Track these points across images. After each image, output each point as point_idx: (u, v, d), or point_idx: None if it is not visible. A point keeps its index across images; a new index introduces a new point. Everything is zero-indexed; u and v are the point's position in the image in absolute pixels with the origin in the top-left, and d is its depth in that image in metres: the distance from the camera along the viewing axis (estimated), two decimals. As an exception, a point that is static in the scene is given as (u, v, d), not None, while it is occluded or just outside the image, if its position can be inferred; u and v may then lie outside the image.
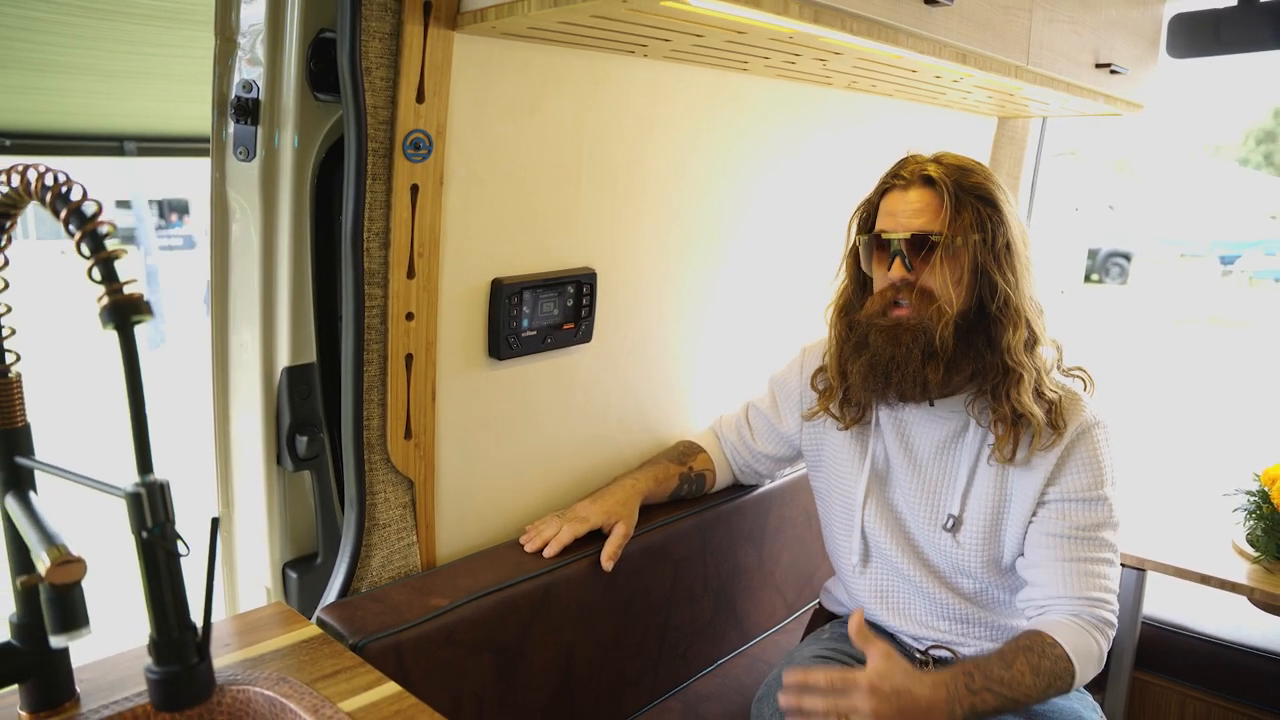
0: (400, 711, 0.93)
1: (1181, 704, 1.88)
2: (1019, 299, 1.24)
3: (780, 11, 0.98)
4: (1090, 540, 1.24)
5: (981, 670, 1.11)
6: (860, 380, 1.27)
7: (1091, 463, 1.26)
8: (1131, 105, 1.95)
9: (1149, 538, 1.77)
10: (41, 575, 0.70)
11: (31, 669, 0.87)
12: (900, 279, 1.23)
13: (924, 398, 1.26)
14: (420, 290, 1.20)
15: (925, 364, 1.21)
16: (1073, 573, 1.22)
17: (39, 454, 0.87)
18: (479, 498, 1.39)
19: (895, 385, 1.23)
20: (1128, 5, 1.82)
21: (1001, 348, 1.23)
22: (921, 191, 1.25)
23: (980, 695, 1.09)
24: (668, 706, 1.57)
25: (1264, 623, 1.85)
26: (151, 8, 1.92)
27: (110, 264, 0.68)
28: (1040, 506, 1.27)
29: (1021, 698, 1.11)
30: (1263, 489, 1.69)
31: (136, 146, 2.52)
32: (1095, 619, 1.20)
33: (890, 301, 1.26)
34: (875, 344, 1.24)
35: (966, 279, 1.23)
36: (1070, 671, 1.14)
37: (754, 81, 1.59)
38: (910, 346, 1.21)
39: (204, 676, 0.74)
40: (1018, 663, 1.13)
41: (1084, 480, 1.25)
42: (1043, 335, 1.28)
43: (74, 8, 1.83)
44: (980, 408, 1.28)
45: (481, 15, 1.07)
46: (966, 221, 1.21)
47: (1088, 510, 1.25)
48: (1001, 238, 1.23)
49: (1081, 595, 1.20)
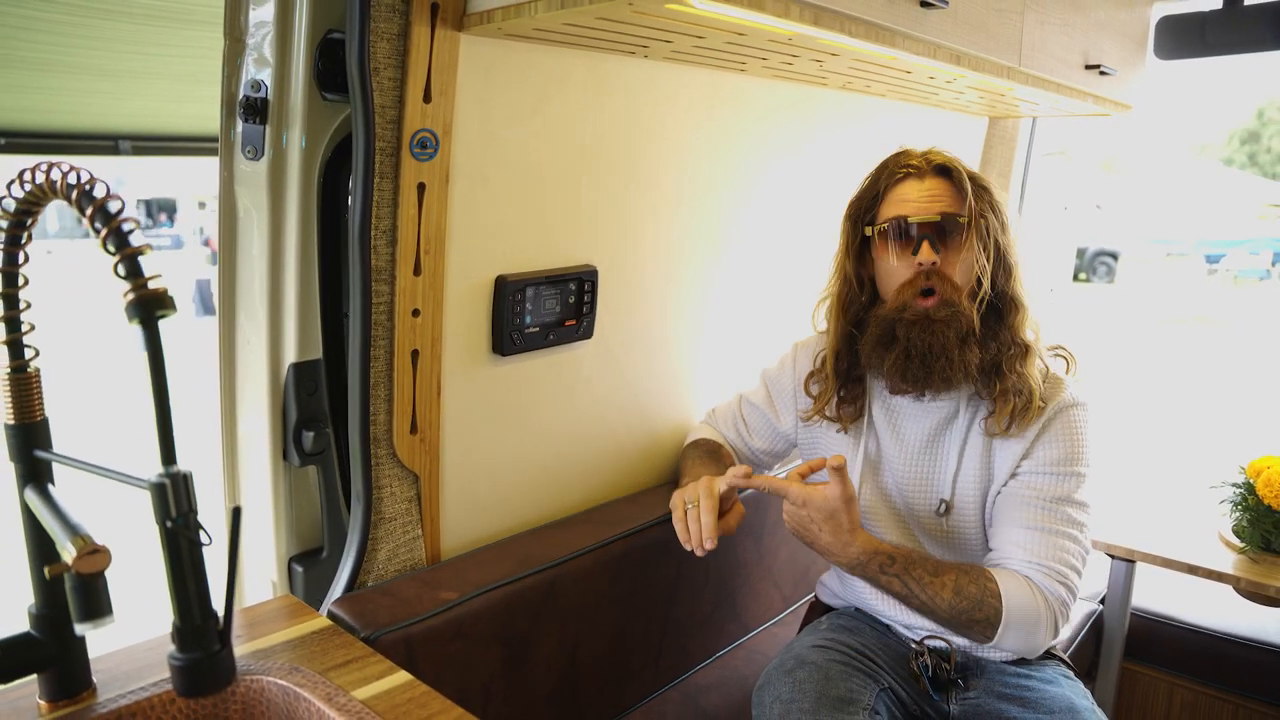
0: (413, 699, 0.95)
1: (1170, 692, 1.92)
2: (1022, 279, 1.29)
3: (781, 14, 1.00)
4: (1056, 513, 1.26)
5: (907, 561, 1.23)
6: (897, 372, 1.29)
7: (1067, 439, 1.29)
8: (1120, 106, 1.99)
9: (1138, 530, 1.80)
10: (68, 564, 0.72)
11: (51, 659, 0.89)
12: (930, 262, 1.26)
13: (964, 381, 1.29)
14: (426, 287, 1.22)
15: (963, 349, 1.25)
16: (1034, 540, 1.24)
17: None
18: (482, 492, 1.41)
19: (940, 372, 1.25)
20: (1116, 7, 1.85)
21: (1013, 325, 1.28)
22: (938, 179, 1.29)
23: (887, 576, 1.24)
24: (668, 698, 1.60)
25: (1249, 612, 1.88)
26: (151, 7, 1.93)
27: (135, 260, 0.69)
28: (1013, 477, 1.31)
29: (930, 605, 1.21)
30: (1248, 481, 1.73)
31: (132, 146, 2.52)
32: (1048, 589, 1.22)
33: (918, 291, 1.28)
34: (909, 336, 1.27)
35: (989, 260, 1.26)
36: (997, 612, 1.19)
37: (751, 82, 1.62)
38: (946, 333, 1.24)
39: (226, 663, 0.76)
40: (946, 575, 1.21)
41: (1057, 454, 1.28)
42: (1032, 313, 1.33)
43: (73, 7, 1.84)
44: (983, 385, 1.31)
45: (488, 17, 1.09)
46: (983, 205, 1.25)
47: (1057, 483, 1.27)
48: (1006, 223, 1.28)
49: (1039, 562, 1.23)
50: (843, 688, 1.23)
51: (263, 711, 0.97)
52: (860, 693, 1.24)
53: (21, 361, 0.86)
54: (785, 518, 1.28)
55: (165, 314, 0.69)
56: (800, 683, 1.22)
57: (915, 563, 1.25)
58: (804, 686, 1.22)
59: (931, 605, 1.23)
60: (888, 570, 1.24)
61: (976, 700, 1.35)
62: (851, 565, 1.25)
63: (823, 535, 1.24)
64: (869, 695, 1.24)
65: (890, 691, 1.32)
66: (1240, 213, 15.37)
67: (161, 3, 1.90)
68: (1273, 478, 1.67)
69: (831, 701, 1.20)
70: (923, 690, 1.36)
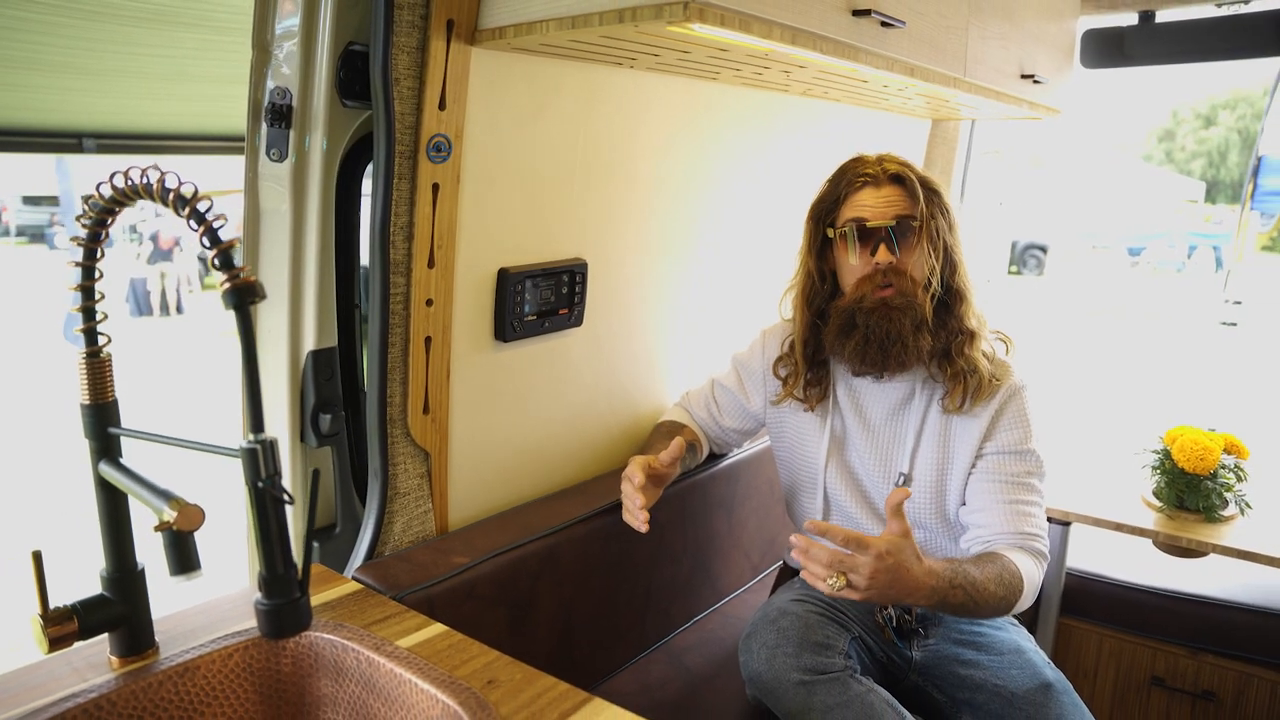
0: (452, 645, 1.06)
1: (1099, 642, 2.12)
2: (966, 273, 1.45)
3: (765, 35, 1.14)
4: (1023, 485, 1.44)
5: (962, 570, 1.26)
6: (857, 356, 1.44)
7: (1020, 421, 1.46)
8: (1051, 110, 2.18)
9: (1072, 494, 2.00)
10: (169, 522, 0.81)
11: (123, 618, 0.98)
12: (887, 262, 1.41)
13: (916, 363, 1.44)
14: (439, 279, 1.33)
15: (917, 334, 1.40)
16: (1011, 513, 1.41)
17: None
18: (485, 467, 1.52)
19: (895, 356, 1.41)
20: (1046, 20, 2.04)
21: (960, 314, 1.44)
22: (893, 186, 1.44)
23: (955, 590, 1.23)
24: (654, 658, 1.73)
25: (1166, 567, 2.10)
26: (134, 9, 1.97)
27: (228, 254, 0.79)
28: (979, 459, 1.47)
29: (983, 601, 1.26)
30: (1165, 448, 1.93)
31: (96, 144, 2.54)
32: (1034, 550, 1.39)
33: (876, 285, 1.43)
34: (867, 323, 1.42)
35: (939, 257, 1.42)
36: (1019, 589, 1.32)
37: (722, 90, 1.75)
38: (902, 320, 1.40)
39: (305, 608, 0.86)
40: (987, 569, 1.29)
41: (1015, 436, 1.45)
42: (976, 302, 1.49)
43: (55, 7, 1.88)
44: (936, 369, 1.47)
45: (500, 33, 1.20)
46: (933, 208, 1.41)
47: (1019, 461, 1.45)
48: (954, 223, 1.43)
49: (1019, 531, 1.40)
50: (820, 634, 1.38)
51: (311, 664, 1.07)
52: (836, 639, 1.38)
53: (96, 347, 0.95)
54: (867, 580, 1.15)
55: (255, 301, 0.79)
56: (784, 630, 1.37)
57: (961, 564, 1.27)
58: (787, 633, 1.36)
59: (984, 603, 1.27)
60: (955, 584, 1.24)
61: (936, 646, 1.51)
62: (933, 591, 1.21)
63: (915, 570, 1.19)
64: (843, 642, 1.39)
65: (860, 640, 1.48)
66: (1159, 207, 16.15)
67: (144, 5, 1.95)
68: (1185, 444, 1.88)
69: (812, 646, 1.34)
70: (888, 639, 1.52)
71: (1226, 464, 1.89)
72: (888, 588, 1.16)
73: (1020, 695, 1.37)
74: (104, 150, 2.61)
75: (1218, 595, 2.00)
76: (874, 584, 1.15)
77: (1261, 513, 1.90)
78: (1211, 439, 1.89)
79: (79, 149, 2.57)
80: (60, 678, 0.96)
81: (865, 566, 1.14)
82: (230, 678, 1.04)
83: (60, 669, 0.98)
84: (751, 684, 1.39)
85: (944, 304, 1.47)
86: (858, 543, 1.16)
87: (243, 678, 1.04)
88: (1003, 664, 1.43)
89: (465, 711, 0.92)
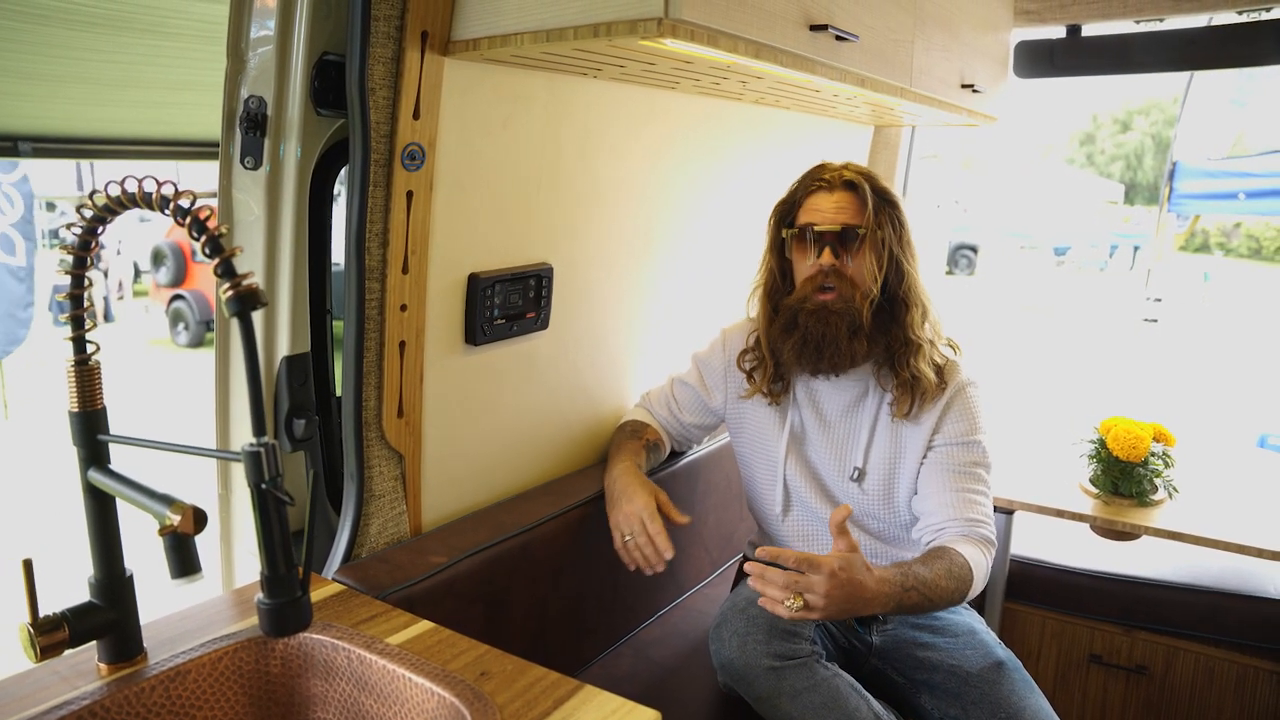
0: (441, 641, 1.09)
1: (1042, 624, 2.24)
2: (917, 283, 1.51)
3: (730, 49, 1.19)
4: (970, 474, 1.52)
5: (912, 572, 1.32)
6: (794, 356, 1.50)
7: (967, 414, 1.54)
8: (987, 118, 2.29)
9: (1015, 484, 2.10)
10: (173, 526, 0.83)
11: (112, 624, 0.98)
12: (830, 265, 1.48)
13: (851, 367, 1.50)
14: (412, 284, 1.35)
15: (852, 339, 1.46)
16: (958, 500, 1.49)
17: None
18: (456, 469, 1.55)
19: (829, 358, 1.47)
20: (983, 32, 2.14)
21: (905, 324, 1.50)
22: (845, 193, 1.50)
23: (909, 593, 1.30)
24: (621, 652, 1.77)
25: (1102, 551, 2.22)
26: (86, 14, 1.94)
27: (230, 262, 0.81)
28: (929, 451, 1.54)
29: (937, 597, 1.33)
30: (1100, 438, 2.05)
31: (32, 148, 2.49)
32: (980, 536, 1.47)
33: (818, 286, 1.50)
34: (806, 324, 1.48)
35: (882, 266, 1.49)
36: (970, 579, 1.39)
37: (680, 98, 1.81)
38: (838, 325, 1.46)
39: (305, 607, 0.89)
40: (936, 566, 1.35)
41: (961, 428, 1.54)
42: (931, 312, 1.56)
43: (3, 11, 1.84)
44: (884, 374, 1.55)
45: (474, 44, 1.23)
46: (883, 218, 1.48)
47: (966, 451, 1.53)
48: (905, 232, 1.50)
49: (967, 517, 1.48)
50: (787, 622, 1.43)
51: (300, 665, 1.09)
52: (803, 626, 1.45)
53: (84, 355, 0.95)
54: (823, 599, 1.19)
55: (257, 307, 0.82)
56: (753, 619, 1.42)
57: (911, 567, 1.33)
58: (757, 621, 1.41)
59: (938, 599, 1.32)
60: (908, 587, 1.29)
61: (894, 631, 1.59)
62: (888, 598, 1.26)
63: (869, 582, 1.23)
64: (809, 628, 1.46)
65: (823, 626, 1.55)
66: (1082, 208, 16.83)
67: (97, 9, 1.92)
68: (1120, 434, 2.00)
69: (780, 633, 1.40)
70: (849, 625, 1.59)
71: (1156, 451, 2.01)
72: (844, 602, 1.20)
73: (974, 674, 1.45)
74: (39, 154, 2.55)
75: (1149, 575, 2.13)
76: (830, 601, 1.19)
77: (1187, 496, 2.04)
78: (1142, 428, 2.02)
79: (15, 153, 2.51)
80: (48, 686, 0.97)
81: (820, 585, 1.19)
82: (220, 681, 1.05)
83: (47, 677, 0.98)
84: (723, 671, 1.44)
85: (887, 312, 1.52)
86: (809, 563, 1.19)
87: (232, 680, 1.06)
88: (957, 645, 1.51)
89: (462, 703, 0.95)
